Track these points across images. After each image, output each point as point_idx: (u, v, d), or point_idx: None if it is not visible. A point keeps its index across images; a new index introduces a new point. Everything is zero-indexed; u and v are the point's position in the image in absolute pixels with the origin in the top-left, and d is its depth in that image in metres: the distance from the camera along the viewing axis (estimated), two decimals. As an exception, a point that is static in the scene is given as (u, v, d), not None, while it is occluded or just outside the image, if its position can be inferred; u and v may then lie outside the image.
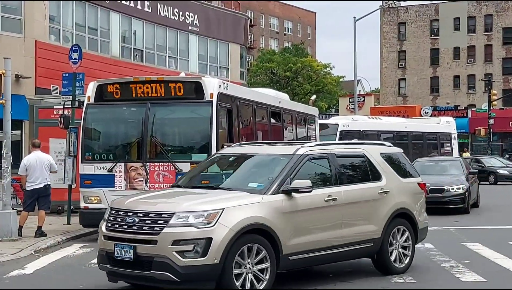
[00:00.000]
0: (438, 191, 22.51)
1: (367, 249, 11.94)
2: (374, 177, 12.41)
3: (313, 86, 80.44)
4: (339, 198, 11.28)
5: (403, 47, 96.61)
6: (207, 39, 45.15)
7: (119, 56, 37.91)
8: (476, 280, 11.86)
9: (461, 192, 22.67)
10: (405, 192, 12.87)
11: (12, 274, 12.68)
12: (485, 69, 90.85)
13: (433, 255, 14.57)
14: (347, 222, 11.55)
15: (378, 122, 37.43)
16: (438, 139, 39.53)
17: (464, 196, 22.76)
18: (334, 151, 12.11)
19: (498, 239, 16.85)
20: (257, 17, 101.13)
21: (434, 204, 20.52)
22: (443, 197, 22.59)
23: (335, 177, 11.73)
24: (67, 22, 34.25)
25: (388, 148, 13.93)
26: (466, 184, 23.32)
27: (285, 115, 23.42)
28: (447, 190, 22.70)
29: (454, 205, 22.59)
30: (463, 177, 24.08)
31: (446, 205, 22.47)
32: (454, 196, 22.64)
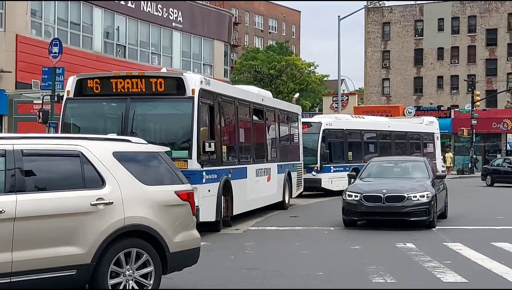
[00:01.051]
0: (396, 199, 17.85)
1: (69, 279, 8.72)
2: (91, 183, 9.16)
3: (297, 84, 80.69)
4: (8, 211, 8.19)
5: (387, 47, 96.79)
6: (191, 36, 45.03)
7: (101, 52, 37.68)
8: (458, 280, 11.72)
9: (426, 201, 17.84)
10: (146, 204, 9.58)
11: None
12: (468, 70, 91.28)
13: (415, 255, 14.42)
14: (23, 243, 8.42)
15: (362, 121, 37.37)
16: (421, 139, 39.53)
17: (429, 205, 17.96)
18: (20, 147, 8.81)
19: (480, 240, 16.76)
20: (242, 15, 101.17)
21: (391, 216, 17.80)
22: (403, 207, 17.77)
23: (10, 181, 8.53)
24: (49, 16, 34.01)
25: (131, 146, 10.21)
26: (432, 191, 18.51)
27: (268, 113, 23.35)
28: (407, 198, 17.76)
29: (417, 217, 17.92)
30: (428, 182, 19.16)
31: (407, 217, 17.88)
32: (417, 206, 17.80)
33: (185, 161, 16.15)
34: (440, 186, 20.75)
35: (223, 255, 14.44)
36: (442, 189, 21.35)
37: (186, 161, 16.18)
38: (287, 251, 15.07)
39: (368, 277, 11.92)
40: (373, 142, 35.71)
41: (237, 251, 15.09)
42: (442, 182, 21.90)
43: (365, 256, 14.21)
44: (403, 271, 12.68)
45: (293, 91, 76.38)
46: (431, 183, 19.32)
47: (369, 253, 14.66)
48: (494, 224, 20.49)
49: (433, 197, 18.42)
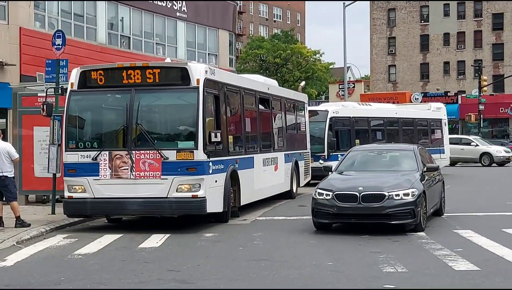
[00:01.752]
0: (374, 198, 14.74)
1: None
2: None
3: (303, 73, 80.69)
4: None
5: (392, 34, 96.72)
6: (195, 25, 44.90)
7: (106, 43, 37.58)
8: (470, 268, 11.61)
9: (410, 200, 14.64)
10: None
11: (-7, 266, 12.34)
12: (475, 55, 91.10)
13: (425, 243, 14.36)
14: None
15: (368, 109, 37.25)
16: (429, 125, 39.39)
17: (415, 206, 14.75)
18: None
19: (491, 226, 16.71)
20: (246, 4, 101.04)
21: (369, 219, 15.04)
22: (382, 208, 14.60)
23: None
24: (52, 8, 33.91)
25: None
26: (420, 188, 15.28)
27: (274, 102, 23.30)
28: (388, 197, 14.61)
29: (399, 220, 14.79)
30: (417, 176, 15.94)
31: (387, 219, 14.84)
32: (399, 206, 14.62)
33: (191, 152, 16.16)
34: (433, 180, 17.51)
35: (231, 246, 14.43)
36: (436, 182, 18.04)
37: (192, 152, 16.16)
38: (295, 241, 15.01)
39: (379, 266, 11.84)
40: (381, 129, 35.60)
41: (246, 242, 15.03)
42: (435, 174, 18.43)
43: (375, 245, 14.09)
44: (414, 259, 12.58)
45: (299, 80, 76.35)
46: (419, 177, 15.96)
47: (378, 242, 14.53)
48: (504, 210, 20.38)
49: (420, 195, 15.03)
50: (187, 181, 16.17)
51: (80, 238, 15.52)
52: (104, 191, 16.38)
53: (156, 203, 16.33)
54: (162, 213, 16.94)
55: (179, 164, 16.13)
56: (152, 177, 16.22)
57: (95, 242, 14.89)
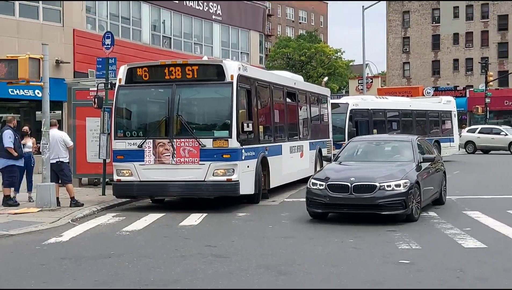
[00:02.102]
0: (366, 189, 13.49)
1: None
2: None
3: (325, 69, 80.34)
4: None
5: (407, 34, 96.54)
6: (229, 27, 44.94)
7: (149, 43, 37.77)
8: (477, 246, 11.57)
9: (402, 191, 13.37)
10: None
11: (50, 241, 12.52)
12: (482, 53, 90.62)
13: (437, 223, 14.32)
14: None
15: (385, 102, 37.13)
16: (440, 117, 39.07)
17: (406, 196, 13.47)
18: None
19: (498, 208, 16.53)
20: (275, 7, 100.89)
21: (360, 209, 13.83)
22: (373, 198, 13.40)
23: None
24: (102, 12, 34.17)
25: None
26: (412, 178, 14.02)
27: (299, 96, 23.26)
28: (379, 188, 13.39)
29: (390, 210, 13.60)
30: (412, 166, 14.72)
31: (377, 210, 13.67)
32: (390, 197, 13.41)
33: (226, 140, 16.21)
34: (431, 170, 16.08)
35: (261, 225, 14.46)
36: (434, 172, 16.48)
37: (227, 140, 16.20)
38: (319, 221, 14.92)
39: (395, 244, 11.83)
40: (396, 120, 35.42)
41: (274, 221, 15.04)
42: (438, 164, 17.34)
43: (391, 224, 14.00)
44: (427, 238, 12.58)
45: (322, 75, 76.18)
46: (415, 167, 14.73)
47: (394, 221, 14.44)
48: (509, 193, 20.09)
49: (412, 186, 13.75)
50: (222, 166, 16.18)
51: (127, 217, 15.65)
52: (148, 175, 16.48)
53: (194, 186, 16.40)
54: (200, 194, 17.02)
55: (215, 151, 16.16)
56: (191, 163, 16.26)
57: (141, 220, 15.01)
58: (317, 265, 10.13)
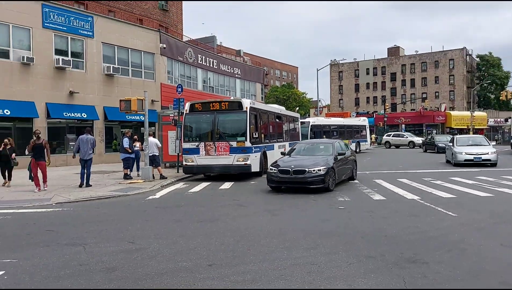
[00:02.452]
0: (300, 172, 12.75)
1: None
2: None
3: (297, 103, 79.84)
4: None
5: (341, 83, 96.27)
6: (244, 81, 44.76)
7: (201, 90, 37.62)
8: (381, 198, 11.49)
9: (322, 173, 12.70)
10: None
11: (149, 197, 12.51)
12: (382, 93, 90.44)
13: (358, 186, 14.19)
14: None
15: (330, 120, 37.01)
16: (359, 128, 38.84)
17: (324, 176, 12.72)
18: None
19: (392, 178, 16.39)
20: (269, 70, 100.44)
21: (297, 184, 12.87)
22: (304, 178, 12.68)
23: None
24: (176, 73, 34.07)
25: None
26: (329, 165, 13.12)
27: (283, 117, 23.12)
28: (308, 171, 12.70)
29: (315, 185, 12.68)
30: (331, 158, 13.69)
31: (307, 185, 12.74)
32: (315, 177, 12.66)
33: (243, 142, 16.16)
34: (344, 160, 14.73)
35: (263, 188, 14.21)
36: (347, 161, 15.09)
37: (244, 142, 16.15)
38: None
39: (336, 198, 11.71)
40: (336, 130, 35.23)
41: (270, 185, 14.97)
42: (351, 156, 16.03)
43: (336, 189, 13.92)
44: (353, 193, 12.45)
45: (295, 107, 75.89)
46: (333, 158, 13.72)
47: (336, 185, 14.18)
48: (398, 169, 20.02)
49: (328, 169, 12.91)
50: (241, 156, 16.07)
51: (190, 185, 15.57)
52: (202, 161, 16.35)
53: (227, 167, 16.22)
54: (229, 172, 16.63)
55: (238, 148, 16.06)
56: (225, 155, 16.15)
57: (198, 186, 14.95)
58: (294, 210, 10.09)
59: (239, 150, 16.08)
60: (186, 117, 17.01)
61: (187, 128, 17.02)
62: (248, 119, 16.29)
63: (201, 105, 16.98)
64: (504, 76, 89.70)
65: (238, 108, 16.56)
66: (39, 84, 24.29)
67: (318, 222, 8.58)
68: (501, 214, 9.11)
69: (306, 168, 12.76)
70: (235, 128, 16.79)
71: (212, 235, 7.58)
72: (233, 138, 16.40)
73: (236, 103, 16.77)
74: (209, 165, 16.39)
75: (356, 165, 16.44)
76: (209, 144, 16.31)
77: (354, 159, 16.31)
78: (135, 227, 8.37)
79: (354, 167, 16.01)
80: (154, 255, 6.36)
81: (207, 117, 16.95)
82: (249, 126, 16.30)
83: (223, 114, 16.72)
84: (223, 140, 16.29)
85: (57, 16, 25.00)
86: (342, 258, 6.05)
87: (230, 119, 16.93)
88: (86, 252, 6.60)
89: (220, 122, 16.60)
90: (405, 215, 9.12)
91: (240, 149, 16.09)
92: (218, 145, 16.21)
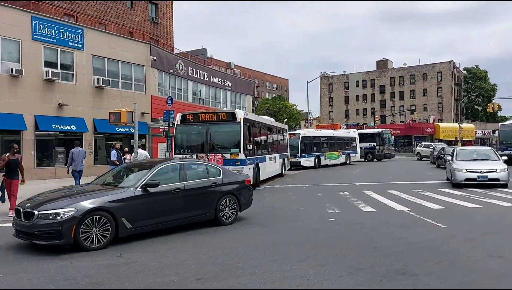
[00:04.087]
0: None
1: None
2: None
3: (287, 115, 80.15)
4: None
5: (331, 95, 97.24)
6: (235, 93, 44.88)
7: (192, 102, 37.56)
8: (371, 210, 11.49)
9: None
10: None
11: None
12: (372, 105, 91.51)
13: (348, 197, 14.21)
14: None
15: (320, 132, 37.14)
16: (349, 140, 39.02)
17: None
18: None
19: (382, 189, 16.44)
20: (259, 82, 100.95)
21: None
22: None
23: None
24: (166, 85, 34.04)
25: None
26: None
27: (273, 129, 23.12)
28: None
29: None
30: None
31: None
32: None
33: (237, 154, 15.84)
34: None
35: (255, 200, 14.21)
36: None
37: (238, 154, 15.84)
38: (285, 197, 14.87)
39: (326, 209, 11.69)
40: (325, 142, 35.36)
41: (261, 197, 14.86)
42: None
43: (324, 198, 13.96)
44: (343, 206, 12.42)
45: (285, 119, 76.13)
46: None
47: (326, 197, 14.36)
48: (387, 181, 20.07)
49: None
50: (236, 169, 15.43)
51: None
52: None
53: None
54: None
55: (231, 161, 15.66)
56: None
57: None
58: (284, 221, 10.03)
59: (233, 163, 15.57)
60: (177, 128, 16.58)
61: (178, 140, 16.57)
62: (242, 131, 15.92)
63: (193, 116, 16.57)
64: (491, 89, 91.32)
65: (232, 119, 16.19)
66: (28, 96, 24.09)
67: (309, 234, 8.54)
68: (489, 225, 9.16)
69: None
70: (228, 139, 16.39)
71: (200, 247, 7.49)
72: (227, 150, 15.99)
73: (230, 114, 16.40)
74: None
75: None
76: (201, 156, 15.83)
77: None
78: (122, 240, 8.24)
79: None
80: (141, 269, 6.25)
81: (199, 128, 16.56)
82: (243, 137, 15.94)
83: (216, 125, 16.30)
84: (216, 152, 15.90)
85: (46, 28, 24.92)
86: (332, 271, 6.00)
87: (224, 130, 16.44)
88: (73, 267, 6.46)
89: (213, 134, 16.19)
90: (395, 226, 9.11)
91: (234, 162, 15.63)
92: (211, 157, 15.74)
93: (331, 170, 29.65)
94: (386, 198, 13.68)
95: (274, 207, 12.48)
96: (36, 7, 28.96)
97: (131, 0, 37.27)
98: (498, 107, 53.94)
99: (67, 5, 32.26)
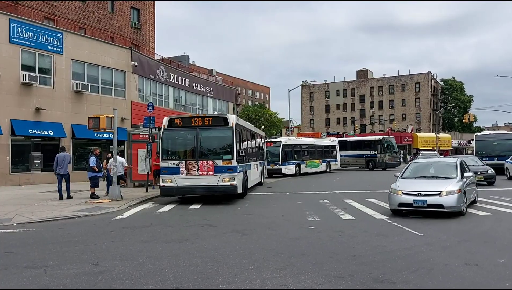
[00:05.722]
0: None
1: None
2: None
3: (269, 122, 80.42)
4: None
5: (312, 104, 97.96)
6: (217, 100, 44.80)
7: (173, 108, 37.33)
8: (350, 218, 11.55)
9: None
10: None
11: (116, 218, 12.18)
12: (352, 114, 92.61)
13: (328, 205, 14.25)
14: None
15: (301, 140, 37.35)
16: (330, 149, 39.32)
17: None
18: None
19: (361, 198, 16.56)
20: (241, 89, 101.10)
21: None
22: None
23: None
24: (147, 91, 33.79)
25: None
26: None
27: (256, 135, 22.57)
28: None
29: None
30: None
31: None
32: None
33: (229, 161, 15.04)
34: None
35: (233, 207, 14.20)
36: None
37: (230, 161, 15.05)
38: (266, 205, 14.83)
39: (306, 217, 11.72)
40: (306, 150, 35.59)
41: (241, 205, 14.85)
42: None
43: (304, 206, 14.00)
44: (323, 213, 12.45)
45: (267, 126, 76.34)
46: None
47: (306, 205, 14.41)
48: (366, 189, 20.20)
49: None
50: (227, 176, 14.93)
51: (159, 204, 15.28)
52: (182, 182, 15.02)
53: (211, 188, 14.98)
54: (214, 193, 15.41)
55: (223, 167, 14.92)
56: (209, 175, 14.93)
57: (166, 206, 14.69)
58: (264, 229, 10.03)
59: (225, 170, 14.91)
60: (164, 133, 15.64)
61: (165, 146, 15.60)
62: (234, 136, 15.26)
63: (181, 121, 15.68)
64: (467, 100, 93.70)
65: (224, 124, 15.47)
66: (4, 100, 23.54)
67: (288, 242, 8.53)
68: (465, 233, 9.34)
69: None
70: (220, 145, 15.61)
71: (180, 256, 7.40)
72: (218, 156, 15.20)
73: (221, 119, 15.68)
74: (191, 186, 15.02)
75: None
76: (191, 163, 15.00)
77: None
78: (100, 248, 8.08)
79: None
80: (119, 278, 6.14)
81: (189, 133, 15.66)
82: (235, 143, 15.29)
83: (207, 130, 15.49)
84: (207, 159, 15.09)
85: (25, 31, 24.46)
86: (312, 279, 6.00)
87: (215, 136, 15.67)
88: (47, 275, 6.30)
89: (203, 139, 15.36)
90: (373, 234, 9.18)
91: (225, 169, 14.94)
92: (201, 164, 14.93)
93: (312, 178, 29.79)
94: (365, 206, 13.77)
95: (255, 214, 12.43)
96: (15, 9, 28.44)
97: (112, 1, 36.89)
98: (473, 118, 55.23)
99: (47, 8, 31.75)
